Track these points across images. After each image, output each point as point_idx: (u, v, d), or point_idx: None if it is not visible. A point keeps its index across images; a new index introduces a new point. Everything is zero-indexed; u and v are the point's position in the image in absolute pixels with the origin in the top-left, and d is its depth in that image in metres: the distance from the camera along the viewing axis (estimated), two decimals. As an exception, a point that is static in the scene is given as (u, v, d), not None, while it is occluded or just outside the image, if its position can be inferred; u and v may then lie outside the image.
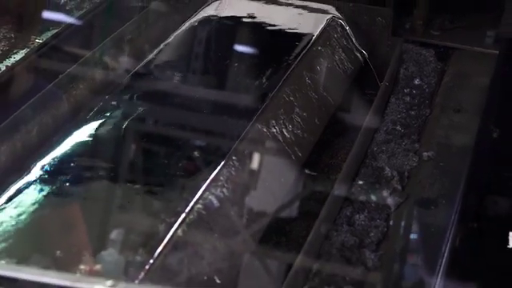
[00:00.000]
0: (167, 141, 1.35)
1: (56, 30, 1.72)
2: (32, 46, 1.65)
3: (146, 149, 1.35)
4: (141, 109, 1.42)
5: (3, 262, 1.01)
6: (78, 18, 1.78)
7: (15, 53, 1.64)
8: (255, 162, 1.28)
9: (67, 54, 1.63)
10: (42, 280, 0.73)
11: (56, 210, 1.19)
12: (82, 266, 1.02)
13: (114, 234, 1.12)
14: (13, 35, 1.71)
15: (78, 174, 1.27)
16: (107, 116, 1.41)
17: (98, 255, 1.06)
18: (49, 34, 1.71)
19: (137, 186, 1.26)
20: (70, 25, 1.77)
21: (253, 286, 1.18)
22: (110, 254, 1.07)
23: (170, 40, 1.62)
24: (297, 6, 1.65)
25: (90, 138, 1.36)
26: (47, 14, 1.74)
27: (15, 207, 1.16)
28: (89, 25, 1.76)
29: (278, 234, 1.25)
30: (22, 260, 1.03)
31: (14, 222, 1.12)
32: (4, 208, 1.16)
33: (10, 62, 1.61)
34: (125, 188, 1.25)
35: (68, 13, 1.77)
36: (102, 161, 1.32)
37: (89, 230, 1.14)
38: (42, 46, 1.66)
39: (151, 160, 1.32)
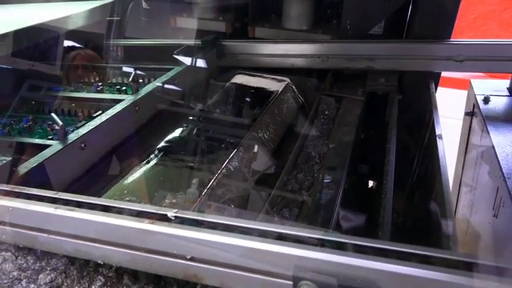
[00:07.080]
0: (212, 139, 1.25)
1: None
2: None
3: (202, 143, 1.24)
4: (202, 125, 1.31)
5: (127, 198, 0.90)
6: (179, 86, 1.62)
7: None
8: (251, 150, 1.17)
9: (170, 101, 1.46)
10: (134, 208, 0.59)
11: (157, 172, 1.08)
12: (167, 200, 0.92)
13: (185, 183, 1.02)
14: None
15: (170, 153, 1.18)
16: (185, 127, 1.31)
17: (176, 194, 0.97)
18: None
19: (197, 160, 1.16)
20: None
21: (249, 207, 1.06)
22: (181, 194, 0.97)
23: (215, 95, 1.51)
24: (270, 78, 1.54)
25: (178, 137, 1.26)
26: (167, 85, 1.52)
27: (135, 172, 1.05)
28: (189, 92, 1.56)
29: (262, 183, 1.13)
30: (138, 197, 0.92)
31: (131, 179, 1.01)
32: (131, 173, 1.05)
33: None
34: (191, 161, 1.15)
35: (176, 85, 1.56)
36: (182, 147, 1.22)
37: (173, 182, 1.05)
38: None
39: (205, 148, 1.22)
